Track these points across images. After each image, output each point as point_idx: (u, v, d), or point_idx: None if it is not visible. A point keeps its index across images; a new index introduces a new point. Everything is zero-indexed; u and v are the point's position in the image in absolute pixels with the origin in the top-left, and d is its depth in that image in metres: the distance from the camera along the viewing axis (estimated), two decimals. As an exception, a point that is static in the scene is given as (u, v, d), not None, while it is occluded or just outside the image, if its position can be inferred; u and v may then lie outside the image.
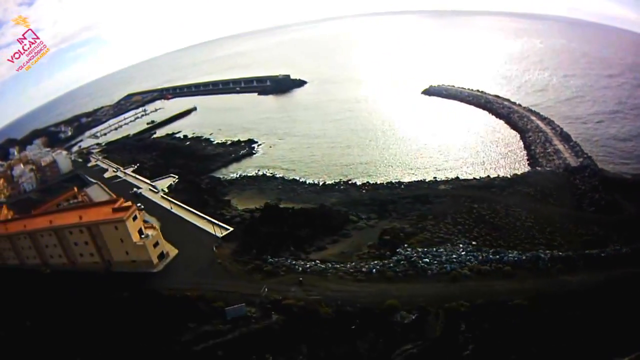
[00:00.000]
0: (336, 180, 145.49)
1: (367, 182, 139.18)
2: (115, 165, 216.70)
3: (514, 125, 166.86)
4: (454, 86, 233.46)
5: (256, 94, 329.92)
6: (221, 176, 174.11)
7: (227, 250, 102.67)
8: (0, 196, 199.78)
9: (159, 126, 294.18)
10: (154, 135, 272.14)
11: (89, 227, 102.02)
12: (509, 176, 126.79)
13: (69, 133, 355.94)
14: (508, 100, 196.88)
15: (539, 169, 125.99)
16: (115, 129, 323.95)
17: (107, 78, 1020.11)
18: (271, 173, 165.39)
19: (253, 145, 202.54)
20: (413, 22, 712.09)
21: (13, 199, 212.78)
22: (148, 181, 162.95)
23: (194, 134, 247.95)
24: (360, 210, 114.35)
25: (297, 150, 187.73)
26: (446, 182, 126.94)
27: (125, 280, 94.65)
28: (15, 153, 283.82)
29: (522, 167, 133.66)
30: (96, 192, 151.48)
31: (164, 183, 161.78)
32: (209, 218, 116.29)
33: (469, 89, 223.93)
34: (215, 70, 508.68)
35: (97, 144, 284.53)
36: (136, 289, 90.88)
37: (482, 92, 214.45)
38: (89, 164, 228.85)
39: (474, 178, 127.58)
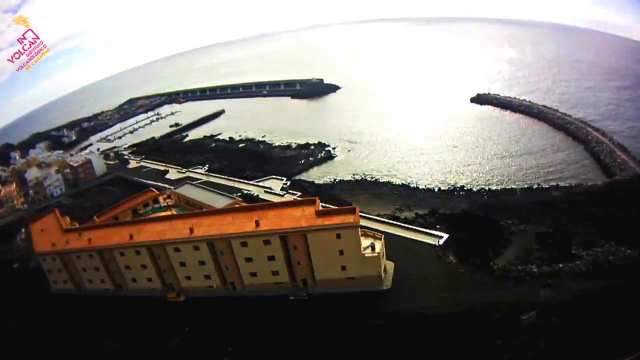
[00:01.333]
0: (450, 186, 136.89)
1: (484, 188, 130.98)
2: (174, 166, 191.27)
3: (574, 136, 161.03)
4: (499, 95, 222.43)
5: (289, 97, 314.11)
6: (314, 180, 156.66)
7: (449, 259, 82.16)
8: (15, 203, 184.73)
9: (188, 128, 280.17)
10: (188, 138, 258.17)
11: (282, 236, 76.79)
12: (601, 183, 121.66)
13: (73, 137, 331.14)
14: (557, 110, 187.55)
15: (619, 178, 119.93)
16: (131, 132, 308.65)
17: (92, 86, 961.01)
18: (371, 177, 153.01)
19: (327, 149, 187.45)
20: (404, 30, 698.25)
21: (38, 206, 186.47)
22: (249, 182, 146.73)
23: (240, 136, 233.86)
24: (498, 215, 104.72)
25: (376, 153, 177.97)
26: (557, 188, 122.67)
27: (351, 303, 72.53)
28: (17, 157, 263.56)
29: (601, 177, 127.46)
30: (193, 193, 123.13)
31: (272, 184, 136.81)
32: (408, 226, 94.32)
33: (516, 98, 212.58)
34: (211, 77, 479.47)
35: (128, 146, 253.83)
36: (382, 313, 68.02)
37: (530, 102, 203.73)
38: (129, 166, 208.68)
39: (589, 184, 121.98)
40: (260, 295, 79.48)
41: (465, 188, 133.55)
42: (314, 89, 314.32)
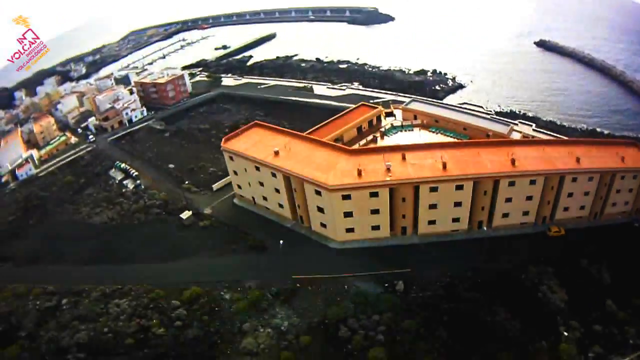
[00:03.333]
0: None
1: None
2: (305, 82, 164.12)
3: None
4: (557, 43, 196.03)
5: (344, 23, 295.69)
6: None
7: None
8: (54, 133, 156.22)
9: (239, 52, 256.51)
10: (254, 60, 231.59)
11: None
12: None
13: (83, 70, 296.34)
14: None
15: None
16: (162, 57, 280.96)
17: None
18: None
19: (447, 76, 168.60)
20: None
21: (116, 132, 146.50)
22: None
23: (327, 57, 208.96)
24: None
25: (506, 84, 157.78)
26: None
27: None
28: (23, 97, 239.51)
29: None
30: (440, 112, 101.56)
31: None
32: None
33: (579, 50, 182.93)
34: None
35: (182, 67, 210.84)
36: None
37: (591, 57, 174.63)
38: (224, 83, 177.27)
39: None
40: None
41: None
42: (370, 18, 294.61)
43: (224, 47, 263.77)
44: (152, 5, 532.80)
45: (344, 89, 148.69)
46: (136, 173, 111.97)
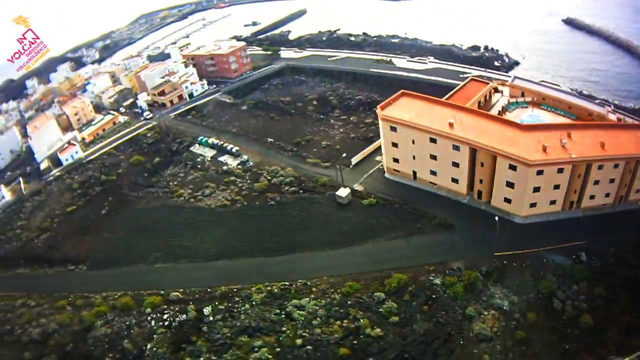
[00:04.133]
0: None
1: None
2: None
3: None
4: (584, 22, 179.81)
5: None
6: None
7: None
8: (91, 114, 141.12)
9: (270, 29, 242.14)
10: (293, 35, 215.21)
11: None
12: None
13: (96, 56, 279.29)
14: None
15: None
16: (185, 36, 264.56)
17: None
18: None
19: (499, 52, 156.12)
20: None
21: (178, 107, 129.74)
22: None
23: (371, 34, 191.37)
24: None
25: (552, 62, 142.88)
26: None
27: None
28: (36, 84, 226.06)
29: None
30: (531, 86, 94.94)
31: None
32: None
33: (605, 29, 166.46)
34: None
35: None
36: None
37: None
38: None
39: None
40: None
41: None
42: None
43: (254, 24, 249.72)
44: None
45: (425, 62, 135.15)
46: (236, 148, 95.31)
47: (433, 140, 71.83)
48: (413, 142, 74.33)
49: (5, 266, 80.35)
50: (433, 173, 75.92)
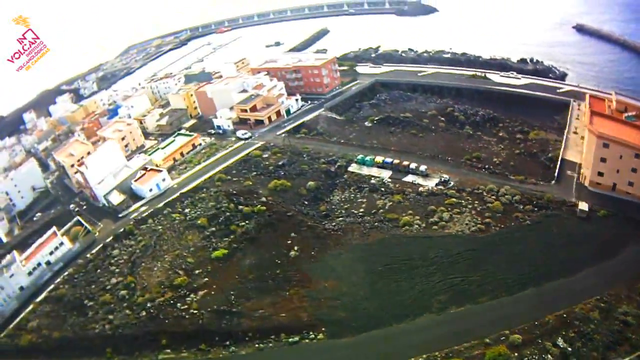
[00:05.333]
0: None
1: None
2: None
3: None
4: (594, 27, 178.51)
5: (392, 15, 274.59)
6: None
7: None
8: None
9: (301, 47, 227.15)
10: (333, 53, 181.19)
11: None
12: None
13: (94, 87, 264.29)
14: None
15: None
16: (199, 60, 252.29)
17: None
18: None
19: (545, 64, 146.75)
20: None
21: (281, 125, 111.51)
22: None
23: (412, 49, 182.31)
24: None
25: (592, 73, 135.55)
26: None
27: None
28: (34, 117, 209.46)
29: None
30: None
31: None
32: None
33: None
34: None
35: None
36: None
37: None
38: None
39: None
40: None
41: None
42: (415, 9, 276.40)
43: (277, 44, 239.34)
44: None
45: (518, 78, 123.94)
46: (424, 167, 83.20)
47: (637, 156, 71.71)
48: (621, 157, 73.49)
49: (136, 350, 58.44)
50: (630, 184, 74.51)
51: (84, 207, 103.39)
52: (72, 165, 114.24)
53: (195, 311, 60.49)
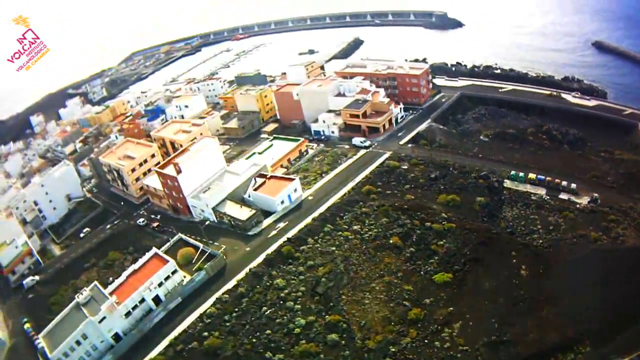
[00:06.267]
0: None
1: None
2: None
3: None
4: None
5: (420, 27, 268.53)
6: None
7: None
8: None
9: (341, 56, 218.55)
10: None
11: None
12: None
13: (103, 92, 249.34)
14: None
15: None
16: (226, 66, 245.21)
17: None
18: None
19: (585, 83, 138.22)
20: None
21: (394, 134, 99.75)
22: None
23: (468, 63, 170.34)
24: None
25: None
26: None
27: None
28: (42, 120, 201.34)
29: None
30: None
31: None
32: None
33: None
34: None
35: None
36: None
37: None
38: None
39: None
40: None
41: None
42: (442, 22, 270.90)
43: (311, 52, 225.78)
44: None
45: (588, 99, 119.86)
46: (574, 185, 77.53)
47: None
48: None
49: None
50: None
51: (158, 220, 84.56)
52: (133, 170, 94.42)
53: (464, 347, 48.22)
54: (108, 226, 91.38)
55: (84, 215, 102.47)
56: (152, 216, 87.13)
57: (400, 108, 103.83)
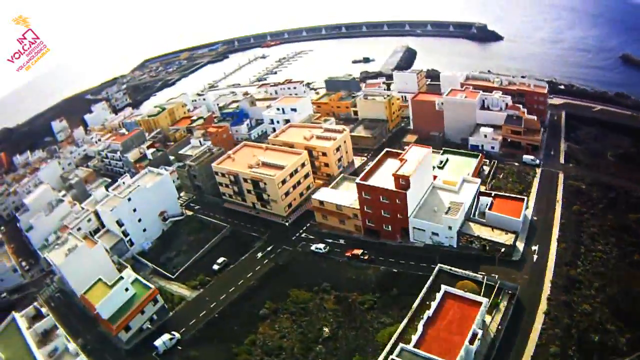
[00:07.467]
0: None
1: None
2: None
3: None
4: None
5: (464, 39, 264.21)
6: None
7: None
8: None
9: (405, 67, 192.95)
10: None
11: None
12: None
13: (127, 100, 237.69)
14: None
15: None
16: (273, 73, 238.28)
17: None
18: None
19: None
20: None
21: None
22: None
23: None
24: None
25: None
26: None
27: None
28: (67, 126, 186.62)
29: None
30: None
31: None
32: None
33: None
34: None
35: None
36: None
37: None
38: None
39: None
40: None
41: None
42: (482, 35, 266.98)
43: (366, 60, 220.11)
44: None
45: None
46: None
47: None
48: None
49: None
50: None
51: (349, 245, 65.55)
52: (284, 182, 73.78)
53: None
54: (259, 254, 69.71)
55: (194, 239, 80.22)
56: (329, 240, 67.63)
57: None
